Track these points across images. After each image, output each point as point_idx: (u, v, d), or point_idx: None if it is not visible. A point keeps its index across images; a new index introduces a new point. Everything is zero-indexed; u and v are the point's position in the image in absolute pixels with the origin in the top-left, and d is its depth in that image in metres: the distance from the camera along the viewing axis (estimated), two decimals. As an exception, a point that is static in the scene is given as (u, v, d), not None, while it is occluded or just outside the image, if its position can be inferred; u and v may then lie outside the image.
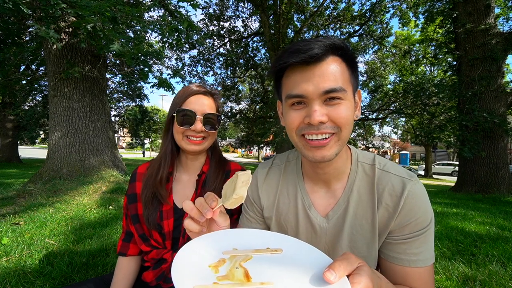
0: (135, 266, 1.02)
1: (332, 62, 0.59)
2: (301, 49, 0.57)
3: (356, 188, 0.70)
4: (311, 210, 0.74)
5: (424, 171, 20.47)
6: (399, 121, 18.62)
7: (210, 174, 0.99)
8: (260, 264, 0.48)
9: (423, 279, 0.63)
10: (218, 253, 0.51)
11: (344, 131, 0.61)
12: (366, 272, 0.42)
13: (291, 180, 0.80)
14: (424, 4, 9.41)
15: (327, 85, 0.57)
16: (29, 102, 14.13)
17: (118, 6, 3.41)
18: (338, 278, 0.40)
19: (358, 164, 0.72)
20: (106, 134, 4.91)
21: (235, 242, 0.55)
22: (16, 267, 1.74)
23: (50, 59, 4.47)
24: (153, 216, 0.92)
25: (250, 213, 0.85)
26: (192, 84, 0.98)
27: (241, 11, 14.74)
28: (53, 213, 2.98)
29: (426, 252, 0.64)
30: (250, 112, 18.16)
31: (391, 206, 0.64)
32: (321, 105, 0.59)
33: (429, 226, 0.64)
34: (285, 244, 0.55)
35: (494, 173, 6.45)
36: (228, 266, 0.47)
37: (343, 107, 0.59)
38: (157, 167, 0.97)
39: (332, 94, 0.58)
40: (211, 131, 0.96)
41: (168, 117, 0.97)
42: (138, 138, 23.99)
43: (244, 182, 0.54)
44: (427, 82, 10.20)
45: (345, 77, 0.60)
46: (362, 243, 0.68)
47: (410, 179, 0.65)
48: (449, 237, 2.74)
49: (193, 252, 0.49)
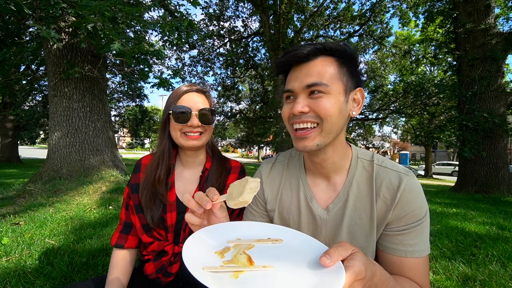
0: (132, 261, 1.00)
1: (321, 62, 0.66)
2: (291, 51, 0.66)
3: (355, 182, 0.74)
4: (312, 202, 0.77)
5: (424, 171, 20.46)
6: (399, 121, 18.60)
7: (213, 171, 1.02)
8: (262, 251, 0.53)
9: (418, 269, 0.67)
10: (223, 242, 0.55)
11: (326, 123, 0.65)
12: (359, 258, 0.45)
13: (294, 174, 0.84)
14: (424, 4, 9.41)
15: (310, 80, 0.64)
16: (29, 102, 14.12)
17: (118, 6, 3.41)
18: (333, 263, 0.43)
19: (358, 160, 0.76)
20: (106, 134, 4.91)
21: (239, 233, 0.59)
22: (16, 267, 1.74)
23: (50, 59, 4.47)
24: (157, 215, 0.93)
25: (253, 207, 0.89)
26: (182, 85, 1.00)
27: (241, 11, 14.75)
28: (53, 213, 2.98)
29: (422, 243, 0.67)
30: (250, 112, 18.15)
31: (389, 199, 0.68)
32: (305, 98, 0.66)
33: (424, 218, 0.68)
34: (285, 234, 0.59)
35: (494, 173, 6.45)
36: (233, 253, 0.52)
37: (324, 100, 0.64)
38: (155, 166, 0.97)
39: (314, 87, 0.64)
40: (207, 126, 0.98)
41: (164, 117, 0.99)
42: (138, 138, 23.98)
43: (252, 189, 0.56)
44: (427, 82, 10.19)
45: (332, 74, 0.65)
46: (361, 234, 0.72)
47: (407, 174, 0.70)
48: (449, 237, 2.74)
49: (200, 241, 0.54)
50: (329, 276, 0.43)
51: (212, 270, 0.45)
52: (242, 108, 18.26)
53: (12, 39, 4.57)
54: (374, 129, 20.83)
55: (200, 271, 0.43)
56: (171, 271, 0.93)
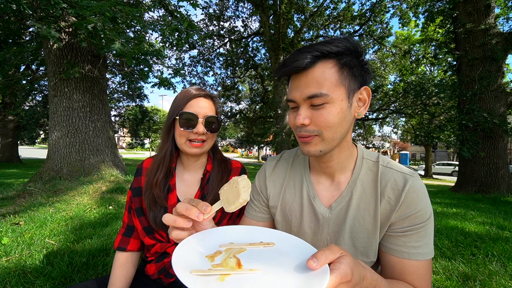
0: (134, 263, 1.01)
1: (320, 69, 0.63)
2: (289, 62, 0.64)
3: (360, 182, 0.73)
4: (315, 200, 0.77)
5: (424, 171, 20.44)
6: (399, 121, 18.61)
7: (214, 173, 1.01)
8: (252, 255, 0.54)
9: (420, 272, 0.66)
10: (215, 247, 0.56)
11: (327, 133, 0.65)
12: (346, 261, 0.45)
13: (298, 172, 0.84)
14: (424, 4, 9.42)
15: (309, 91, 0.63)
16: (29, 102, 14.13)
17: (118, 6, 3.41)
18: (319, 266, 0.43)
19: (363, 160, 0.76)
20: (106, 134, 4.91)
21: (232, 237, 0.60)
22: (16, 267, 1.74)
23: (50, 59, 4.47)
24: (159, 216, 0.93)
25: (255, 202, 0.89)
26: (191, 88, 0.99)
27: (241, 11, 14.73)
28: (53, 213, 2.98)
29: (425, 246, 0.66)
30: (250, 112, 18.15)
31: (393, 199, 0.68)
32: (306, 108, 0.65)
33: (428, 221, 0.67)
34: (277, 238, 0.59)
35: (494, 173, 6.45)
36: (223, 256, 0.52)
37: (325, 111, 0.63)
38: (155, 169, 0.97)
39: (314, 99, 0.63)
40: (212, 134, 0.97)
41: (169, 120, 0.98)
42: (138, 138, 23.99)
43: (245, 187, 0.56)
44: (427, 82, 10.19)
45: (332, 81, 0.63)
46: (364, 234, 0.71)
47: (412, 175, 0.69)
48: (449, 237, 2.74)
49: (193, 245, 0.55)
50: (314, 278, 0.43)
51: (199, 274, 0.45)
52: (242, 108, 18.25)
53: (12, 39, 4.57)
54: (374, 129, 20.82)
55: (187, 274, 0.44)
56: (173, 273, 0.94)
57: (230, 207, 0.56)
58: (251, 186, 0.64)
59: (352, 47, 0.64)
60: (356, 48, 0.65)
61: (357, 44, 0.65)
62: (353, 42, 0.65)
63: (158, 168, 0.97)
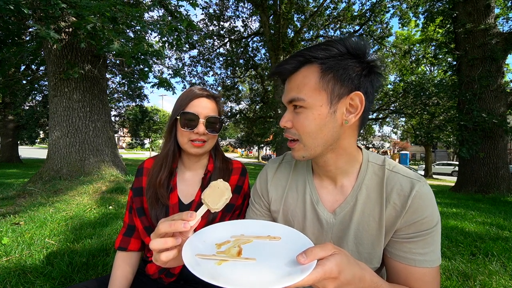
0: (135, 263, 1.01)
1: (302, 73, 0.64)
2: (276, 68, 0.68)
3: (365, 187, 0.71)
4: (318, 205, 0.75)
5: (424, 171, 20.43)
6: (399, 121, 18.62)
7: (215, 173, 1.02)
8: (255, 246, 0.57)
9: (426, 280, 0.64)
10: (227, 237, 0.61)
11: (305, 139, 0.66)
12: (334, 259, 0.46)
13: (301, 175, 0.82)
14: (424, 4, 9.41)
15: (290, 95, 0.66)
16: (29, 102, 14.12)
17: (118, 6, 3.40)
18: (308, 261, 0.45)
19: (368, 164, 0.74)
20: (106, 134, 4.91)
21: (244, 230, 0.64)
22: (16, 267, 1.74)
23: (50, 59, 4.46)
24: (162, 215, 0.93)
25: (256, 206, 0.87)
26: (195, 87, 0.99)
27: (241, 11, 14.73)
28: (53, 213, 2.98)
29: (432, 253, 0.64)
30: (250, 112, 18.16)
31: (399, 205, 0.66)
32: (291, 112, 0.68)
33: (435, 227, 0.65)
34: (286, 233, 0.62)
35: (494, 173, 6.45)
36: (230, 245, 0.57)
37: (302, 115, 0.65)
38: (158, 168, 0.98)
39: (294, 103, 0.66)
40: (213, 134, 0.97)
41: (172, 119, 0.98)
42: (138, 138, 24.00)
43: (227, 188, 0.60)
44: (427, 82, 10.20)
45: (311, 86, 0.63)
46: (368, 240, 0.69)
47: (419, 180, 0.67)
48: (449, 237, 2.74)
49: (207, 233, 0.61)
50: (297, 270, 0.45)
51: (202, 257, 0.51)
52: (242, 108, 18.27)
53: (12, 39, 4.57)
54: (374, 129, 20.82)
55: (191, 256, 0.50)
56: (173, 272, 0.94)
57: (217, 206, 0.58)
58: (252, 188, 0.71)
59: (351, 49, 0.62)
60: (354, 50, 0.62)
61: (357, 46, 0.62)
62: (352, 43, 0.62)
63: (161, 167, 0.97)
